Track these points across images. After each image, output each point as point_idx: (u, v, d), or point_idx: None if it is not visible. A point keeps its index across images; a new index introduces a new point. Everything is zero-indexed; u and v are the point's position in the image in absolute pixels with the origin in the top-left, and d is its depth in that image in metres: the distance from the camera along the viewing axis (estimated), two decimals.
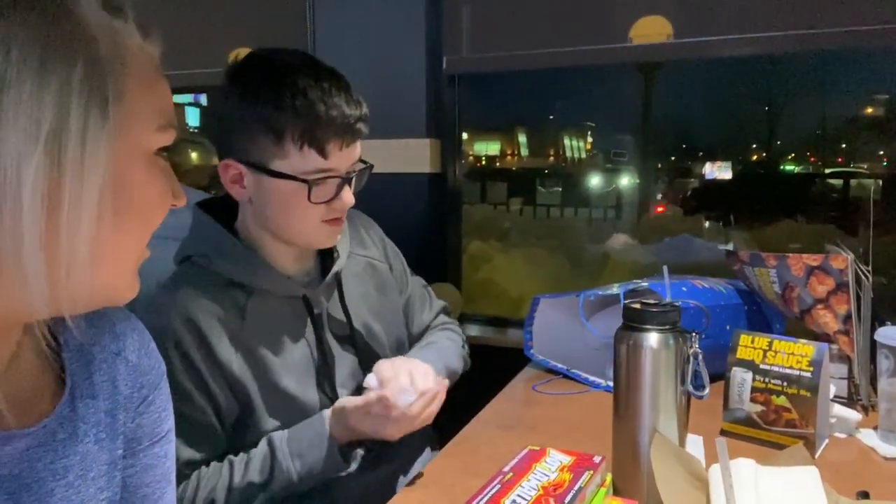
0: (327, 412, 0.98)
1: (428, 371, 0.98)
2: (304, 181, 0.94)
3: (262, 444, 0.97)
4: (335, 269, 1.07)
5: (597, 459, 0.71)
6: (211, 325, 0.93)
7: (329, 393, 1.05)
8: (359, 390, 1.08)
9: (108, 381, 0.59)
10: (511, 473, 0.67)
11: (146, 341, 0.64)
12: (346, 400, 0.97)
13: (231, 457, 0.97)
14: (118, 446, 0.59)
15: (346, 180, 0.98)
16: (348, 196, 0.99)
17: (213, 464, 0.96)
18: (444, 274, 2.06)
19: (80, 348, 0.58)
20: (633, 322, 0.87)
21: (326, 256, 1.10)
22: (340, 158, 0.96)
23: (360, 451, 1.06)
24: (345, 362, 1.08)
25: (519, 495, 0.62)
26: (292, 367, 1.01)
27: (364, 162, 1.02)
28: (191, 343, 0.92)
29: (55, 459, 0.53)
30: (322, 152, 0.93)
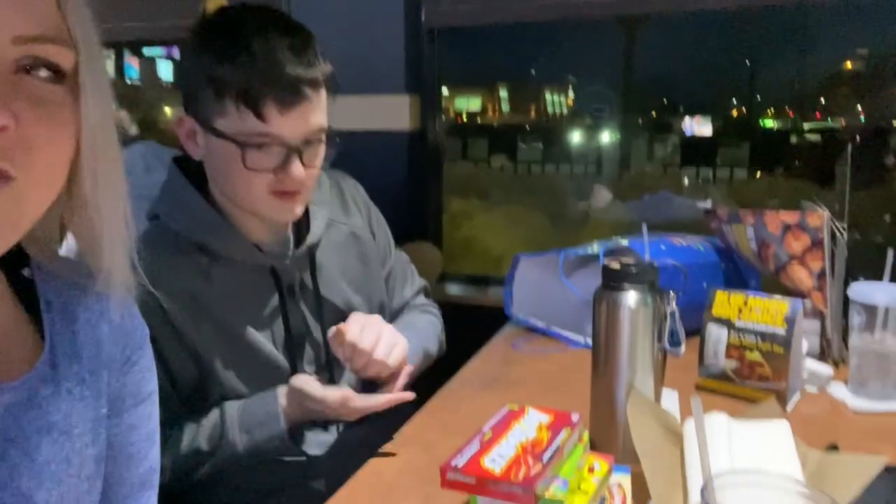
0: (282, 389, 0.96)
1: (398, 345, 0.99)
2: (239, 143, 0.89)
3: (215, 411, 0.95)
4: (307, 242, 1.04)
5: (574, 417, 0.72)
6: (170, 292, 0.90)
7: (298, 367, 1.03)
8: (324, 363, 1.08)
9: (91, 341, 0.58)
10: (490, 433, 0.68)
11: (129, 303, 0.63)
12: (303, 382, 0.95)
13: (186, 421, 0.95)
14: (102, 404, 0.59)
15: (293, 150, 0.91)
16: (296, 169, 0.92)
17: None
18: (425, 233, 2.06)
19: (64, 308, 0.57)
20: (612, 281, 0.87)
21: (304, 226, 1.06)
22: (283, 124, 0.89)
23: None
24: (316, 337, 1.07)
25: (498, 454, 0.63)
26: (259, 337, 0.99)
27: (325, 132, 0.96)
28: (148, 310, 0.89)
29: (40, 416, 0.53)
30: (258, 114, 0.88)
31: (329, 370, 1.07)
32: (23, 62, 0.45)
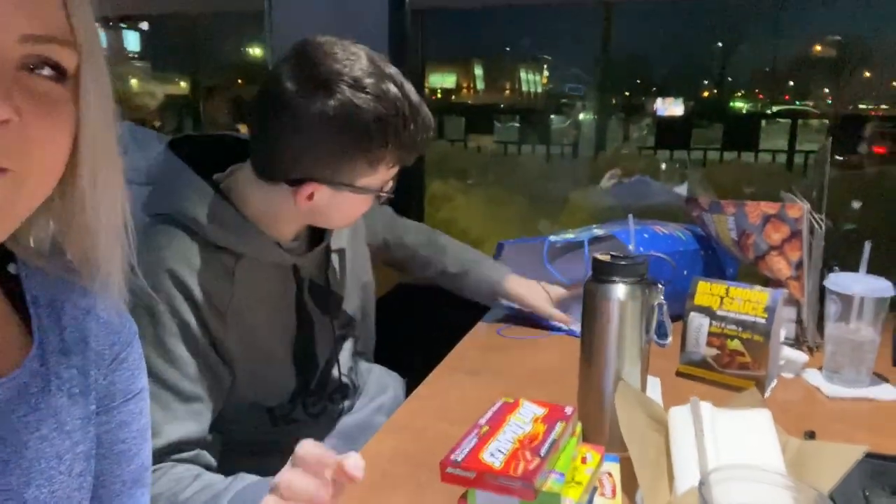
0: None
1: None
2: (380, 192, 0.98)
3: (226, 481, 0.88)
4: (325, 240, 1.07)
5: (568, 410, 0.73)
6: (201, 290, 0.90)
7: (303, 368, 1.05)
8: (333, 356, 1.10)
9: (78, 338, 0.58)
10: (487, 426, 0.69)
11: (117, 301, 0.63)
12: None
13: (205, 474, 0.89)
14: (91, 402, 0.59)
15: None
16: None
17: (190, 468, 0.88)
18: (407, 216, 2.05)
19: (51, 304, 0.57)
20: (602, 274, 0.89)
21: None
22: None
23: (328, 405, 1.08)
24: (323, 329, 1.08)
25: (497, 448, 0.64)
26: (275, 334, 1.00)
27: None
28: (185, 309, 0.88)
29: (28, 412, 0.52)
30: (405, 164, 0.98)
31: (336, 361, 1.11)
32: (27, 61, 0.45)
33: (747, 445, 0.78)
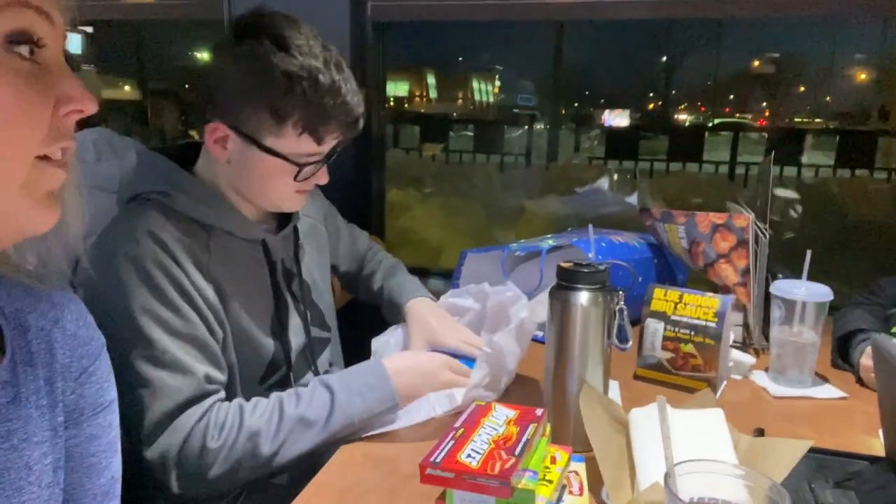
0: (386, 360, 1.02)
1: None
2: (294, 163, 0.96)
3: (313, 382, 0.98)
4: (293, 222, 1.10)
5: (539, 412, 0.77)
6: (182, 254, 0.93)
7: (282, 342, 1.07)
8: (306, 342, 1.12)
9: (45, 349, 0.58)
10: (462, 429, 0.72)
11: (84, 313, 0.63)
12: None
13: (278, 393, 0.96)
14: (58, 414, 0.59)
15: (325, 160, 1.01)
16: (324, 175, 1.03)
17: (256, 399, 0.95)
18: (368, 224, 2.06)
19: (16, 315, 0.57)
20: (566, 281, 0.93)
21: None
22: (330, 144, 0.98)
23: None
24: (295, 314, 1.11)
25: (473, 450, 0.67)
26: (252, 309, 1.02)
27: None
28: (171, 264, 0.91)
29: None
30: (319, 141, 0.96)
31: (310, 347, 1.13)
32: None
33: (702, 443, 0.82)
